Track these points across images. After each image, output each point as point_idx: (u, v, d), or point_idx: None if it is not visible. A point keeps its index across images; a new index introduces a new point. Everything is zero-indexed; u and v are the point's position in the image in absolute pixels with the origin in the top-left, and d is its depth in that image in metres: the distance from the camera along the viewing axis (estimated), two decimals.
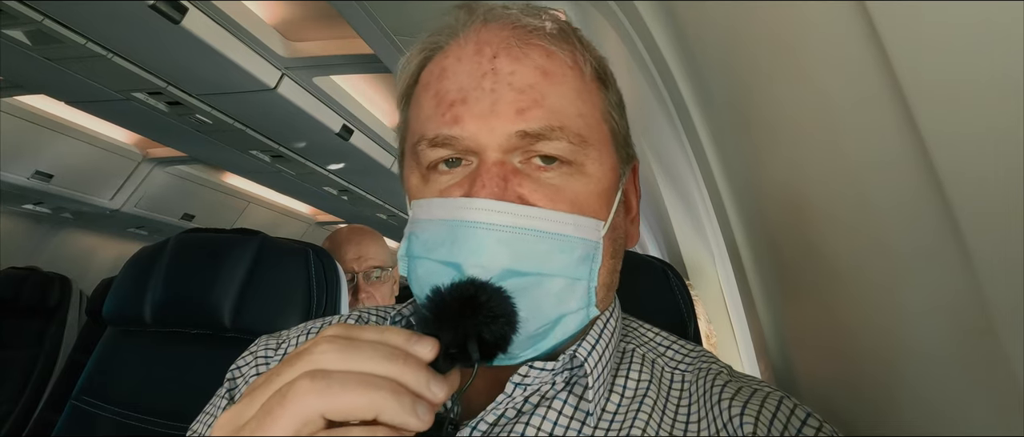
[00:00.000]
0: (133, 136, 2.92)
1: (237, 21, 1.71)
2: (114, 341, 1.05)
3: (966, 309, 0.34)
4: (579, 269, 0.46)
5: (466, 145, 0.45)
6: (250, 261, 0.99)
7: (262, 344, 0.60)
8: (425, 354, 0.35)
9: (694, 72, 0.74)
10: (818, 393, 0.66)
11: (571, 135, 0.46)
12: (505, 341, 0.40)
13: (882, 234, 0.41)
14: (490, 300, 0.39)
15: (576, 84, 0.48)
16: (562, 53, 0.48)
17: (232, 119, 2.32)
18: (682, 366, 0.52)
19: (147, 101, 2.14)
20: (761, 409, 0.45)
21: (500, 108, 0.45)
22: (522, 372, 0.46)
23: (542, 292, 0.44)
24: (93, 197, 3.12)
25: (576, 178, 0.47)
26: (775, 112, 0.52)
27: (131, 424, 0.95)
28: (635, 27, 0.88)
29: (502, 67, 0.46)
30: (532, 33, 0.47)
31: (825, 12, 0.36)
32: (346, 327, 0.35)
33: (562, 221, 0.45)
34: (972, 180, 0.29)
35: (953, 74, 0.28)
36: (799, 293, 0.64)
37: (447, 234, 0.44)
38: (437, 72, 0.49)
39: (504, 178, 0.44)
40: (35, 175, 2.76)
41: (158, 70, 1.94)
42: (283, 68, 1.97)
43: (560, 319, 0.46)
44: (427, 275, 0.46)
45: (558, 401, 0.47)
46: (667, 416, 0.48)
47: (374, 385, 0.32)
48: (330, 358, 0.33)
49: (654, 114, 1.05)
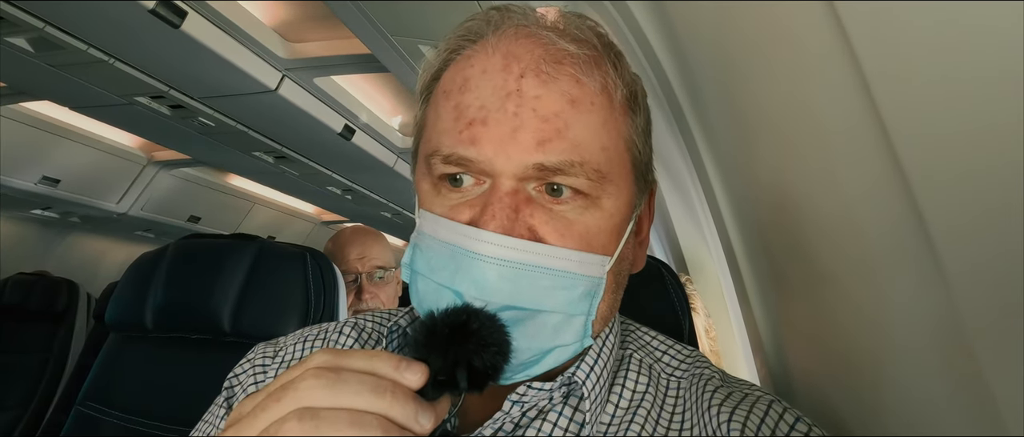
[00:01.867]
0: (138, 140, 2.94)
1: (236, 24, 1.71)
2: (117, 347, 1.07)
3: (938, 310, 0.34)
4: (579, 306, 0.45)
5: (481, 168, 0.44)
6: (248, 266, 1.00)
7: (259, 352, 0.60)
8: (414, 382, 0.35)
9: (686, 71, 0.74)
10: (811, 390, 0.66)
11: (590, 171, 0.44)
12: (496, 371, 0.39)
13: (862, 235, 0.41)
14: (482, 328, 0.39)
15: (603, 114, 0.45)
16: (593, 81, 0.45)
17: (234, 121, 2.34)
18: (678, 373, 0.52)
19: (150, 105, 2.16)
20: (749, 414, 0.45)
21: (521, 135, 0.43)
22: (520, 391, 0.46)
23: (538, 325, 0.44)
24: (100, 201, 3.15)
25: (590, 212, 0.45)
26: (759, 112, 0.52)
27: (134, 428, 0.96)
28: (628, 25, 0.88)
29: (528, 90, 0.43)
30: (565, 57, 0.45)
31: (801, 13, 0.36)
32: (333, 354, 0.35)
33: (568, 258, 0.44)
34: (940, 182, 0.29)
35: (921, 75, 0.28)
36: (790, 291, 0.64)
37: (450, 259, 0.44)
38: (460, 81, 0.46)
39: (516, 209, 0.43)
40: (42, 180, 2.79)
41: (160, 74, 1.96)
42: (283, 70, 1.98)
43: (553, 349, 0.45)
44: (427, 294, 0.46)
45: (554, 413, 0.47)
46: (661, 423, 0.48)
47: (362, 423, 0.32)
48: (317, 395, 0.32)
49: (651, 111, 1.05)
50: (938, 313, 0.34)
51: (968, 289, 0.31)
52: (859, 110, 0.33)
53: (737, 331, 1.33)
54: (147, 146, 3.05)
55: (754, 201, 0.65)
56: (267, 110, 2.19)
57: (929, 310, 0.36)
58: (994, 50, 0.24)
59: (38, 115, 2.54)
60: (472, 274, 0.42)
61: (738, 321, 1.29)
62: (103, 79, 1.95)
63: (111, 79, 1.94)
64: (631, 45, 0.91)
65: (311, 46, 1.91)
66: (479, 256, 0.42)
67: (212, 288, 0.98)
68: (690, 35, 0.65)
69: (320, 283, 0.99)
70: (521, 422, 0.47)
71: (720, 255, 1.03)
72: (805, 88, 0.40)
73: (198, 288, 0.99)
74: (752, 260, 0.76)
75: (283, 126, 2.38)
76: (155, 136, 2.65)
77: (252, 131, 2.44)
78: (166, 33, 1.61)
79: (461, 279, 0.43)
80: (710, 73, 0.63)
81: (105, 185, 3.10)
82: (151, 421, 0.95)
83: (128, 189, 3.21)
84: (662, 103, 0.92)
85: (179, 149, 2.83)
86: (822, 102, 0.38)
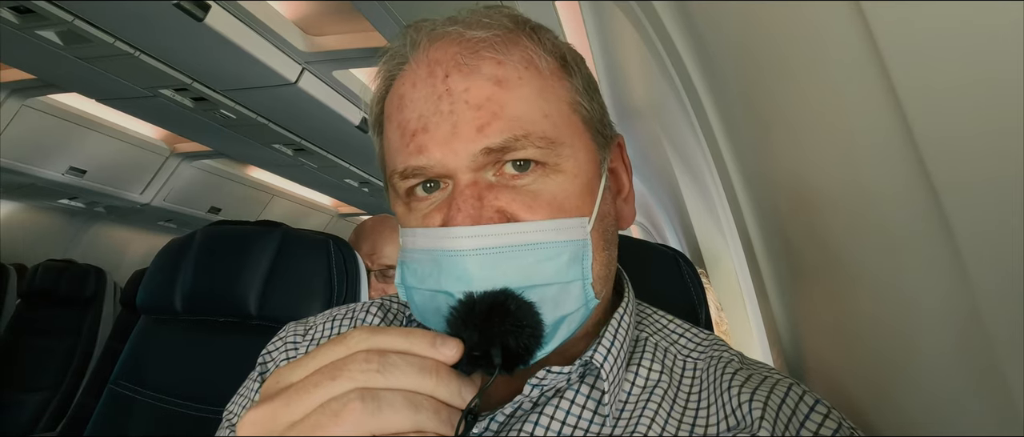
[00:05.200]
0: (161, 132, 3.00)
1: (258, 17, 1.74)
2: (148, 329, 1.10)
3: (960, 306, 0.35)
4: (570, 272, 0.45)
5: (436, 171, 0.45)
6: (273, 252, 1.02)
7: (290, 330, 0.63)
8: (450, 357, 0.36)
9: (708, 68, 0.74)
10: (829, 384, 0.66)
11: (537, 139, 0.45)
12: (528, 353, 0.40)
13: (883, 231, 0.42)
14: (519, 310, 0.40)
15: (535, 84, 0.47)
16: (513, 58, 0.46)
17: (255, 113, 2.38)
18: (694, 354, 0.53)
19: (173, 97, 2.21)
20: (770, 395, 0.45)
21: (461, 129, 0.44)
22: (540, 375, 0.47)
23: (537, 301, 0.44)
24: (124, 192, 3.23)
25: (552, 178, 0.46)
26: (781, 109, 0.52)
27: (165, 407, 1.00)
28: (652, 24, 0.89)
29: (455, 86, 0.45)
30: (480, 44, 0.46)
31: (826, 12, 0.37)
32: (372, 332, 0.36)
33: (543, 229, 0.44)
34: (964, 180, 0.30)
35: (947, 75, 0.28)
36: (809, 283, 0.65)
37: (433, 264, 0.45)
38: (396, 102, 0.49)
39: (479, 197, 0.44)
40: (69, 171, 2.86)
41: (183, 67, 2.00)
42: (303, 63, 2.01)
43: (561, 321, 0.46)
44: (423, 303, 0.47)
45: (571, 391, 0.48)
46: (677, 404, 0.48)
47: (418, 405, 0.34)
48: (373, 377, 0.34)
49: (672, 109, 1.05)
50: (960, 308, 0.34)
51: (991, 285, 0.31)
52: (882, 108, 0.33)
53: (754, 324, 1.33)
54: (170, 138, 3.10)
55: (774, 196, 0.65)
56: (286, 103, 2.22)
57: (951, 306, 0.36)
58: (1021, 51, 0.25)
59: (65, 107, 2.61)
60: (455, 272, 0.43)
61: (755, 314, 1.29)
62: (129, 72, 2.00)
63: (136, 72, 1.99)
64: (655, 45, 0.91)
65: (330, 39, 1.94)
66: (457, 252, 0.43)
67: (239, 273, 1.01)
68: (713, 33, 0.65)
69: (343, 269, 1.01)
70: (540, 401, 0.48)
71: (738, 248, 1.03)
72: (828, 85, 0.41)
73: (225, 273, 1.02)
74: (770, 254, 0.76)
75: (302, 119, 2.42)
76: (178, 128, 2.70)
77: (272, 123, 2.48)
78: (190, 26, 1.64)
79: (446, 279, 0.44)
80: (732, 70, 0.63)
81: (129, 176, 3.17)
82: (181, 400, 0.99)
83: (151, 180, 3.27)
84: (683, 100, 0.93)
85: (201, 141, 2.87)
86: (845, 99, 0.39)
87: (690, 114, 0.92)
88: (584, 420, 0.47)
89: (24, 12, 1.65)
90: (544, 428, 0.46)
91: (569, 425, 0.47)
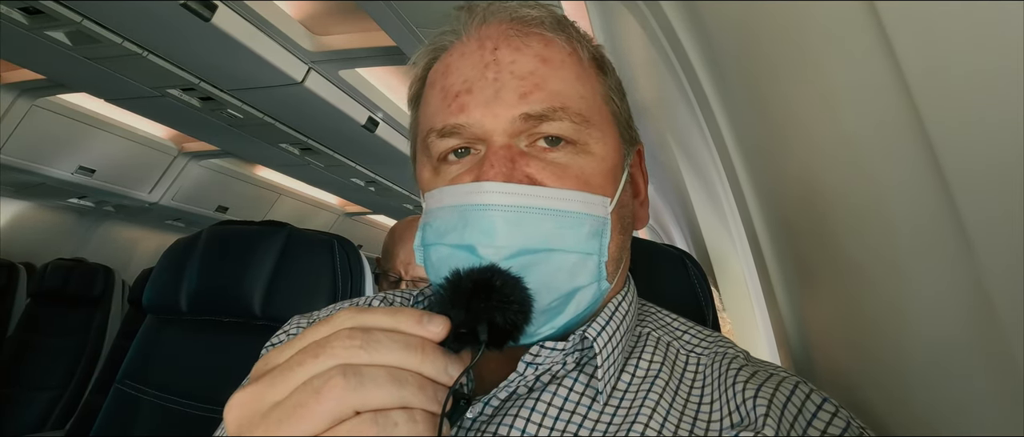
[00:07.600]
0: (169, 131, 3.02)
1: (264, 17, 1.75)
2: (153, 328, 1.11)
3: (972, 305, 0.34)
4: (589, 244, 0.47)
5: (473, 132, 0.47)
6: (278, 252, 1.03)
7: (294, 323, 0.63)
8: (436, 334, 0.36)
9: (715, 68, 0.73)
10: (838, 384, 0.65)
11: (573, 114, 0.47)
12: (516, 329, 0.40)
13: (893, 228, 0.41)
14: (504, 285, 0.40)
15: (575, 69, 0.50)
16: (560, 40, 0.50)
17: (262, 113, 2.39)
18: (698, 350, 0.52)
19: (181, 97, 2.22)
20: (776, 392, 0.45)
21: (503, 95, 0.47)
22: (533, 351, 0.47)
23: (553, 267, 0.45)
24: (133, 191, 3.25)
25: (581, 157, 0.48)
26: (789, 106, 0.51)
27: (171, 406, 1.00)
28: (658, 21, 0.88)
29: (503, 58, 0.48)
30: (530, 24, 0.50)
31: (834, 9, 0.36)
32: (358, 312, 0.36)
33: (570, 198, 0.46)
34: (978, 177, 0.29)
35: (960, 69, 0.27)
36: (817, 285, 0.64)
37: (458, 219, 0.46)
38: (442, 70, 0.51)
39: (511, 160, 0.46)
40: (79, 170, 2.88)
41: (190, 67, 2.01)
42: (309, 62, 2.01)
43: (573, 293, 0.46)
44: (441, 260, 0.47)
45: (569, 379, 0.48)
46: (679, 396, 0.48)
47: (402, 381, 0.33)
48: (356, 354, 0.33)
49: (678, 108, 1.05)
50: (971, 308, 0.34)
51: (1004, 282, 0.31)
52: (892, 106, 0.33)
53: (761, 325, 1.32)
54: (178, 137, 3.12)
55: (781, 195, 0.65)
56: (293, 102, 2.23)
57: (962, 305, 0.35)
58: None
59: (74, 107, 2.63)
60: (482, 225, 0.44)
61: (763, 315, 1.28)
62: (137, 72, 2.01)
63: (144, 72, 2.00)
64: (662, 45, 0.91)
65: (337, 38, 1.94)
66: (486, 206, 0.44)
67: (244, 273, 1.01)
68: (720, 32, 0.65)
69: (347, 269, 1.01)
70: (535, 386, 0.48)
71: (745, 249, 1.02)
72: (836, 85, 0.40)
73: (230, 273, 1.02)
74: (778, 254, 0.75)
75: (308, 118, 2.42)
76: (185, 127, 2.72)
77: (278, 123, 2.49)
78: (197, 26, 1.65)
79: (471, 232, 0.45)
80: (740, 70, 0.62)
81: (138, 175, 3.19)
82: (187, 399, 0.99)
83: (160, 179, 3.29)
84: (690, 100, 0.92)
85: (208, 140, 2.89)
86: (854, 97, 0.38)
87: (697, 114, 0.91)
88: (582, 407, 0.47)
89: (33, 13, 1.66)
90: (541, 413, 0.46)
91: (566, 411, 0.46)
